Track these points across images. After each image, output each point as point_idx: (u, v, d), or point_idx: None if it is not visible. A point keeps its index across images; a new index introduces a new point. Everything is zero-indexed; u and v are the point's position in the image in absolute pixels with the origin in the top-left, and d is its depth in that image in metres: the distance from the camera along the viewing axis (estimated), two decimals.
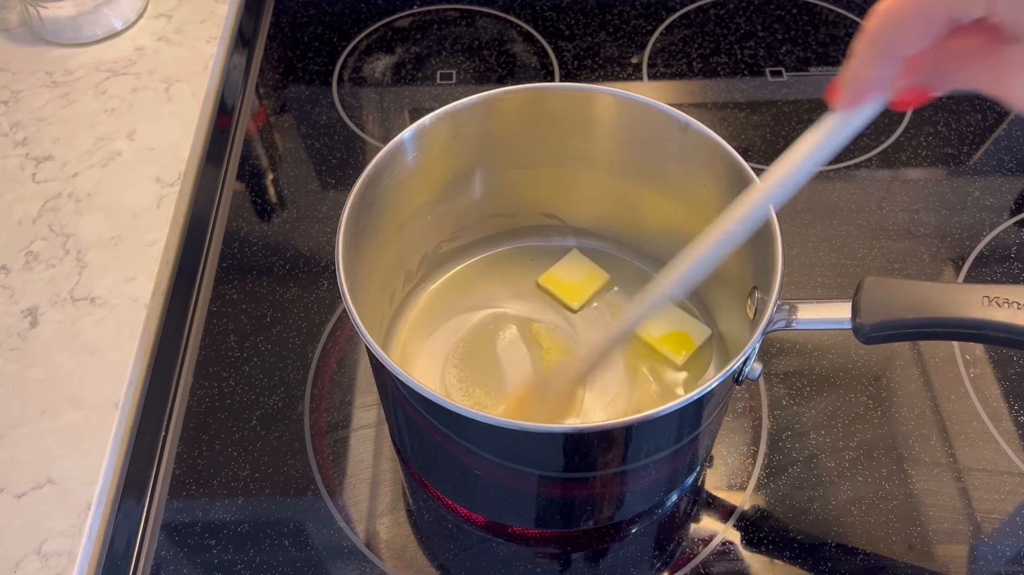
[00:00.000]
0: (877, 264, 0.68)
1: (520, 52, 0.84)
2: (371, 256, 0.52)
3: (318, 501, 0.56)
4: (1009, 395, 0.60)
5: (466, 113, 0.54)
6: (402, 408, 0.49)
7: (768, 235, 0.47)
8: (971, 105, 0.79)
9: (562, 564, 0.54)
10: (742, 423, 0.59)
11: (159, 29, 0.80)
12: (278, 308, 0.66)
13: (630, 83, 0.82)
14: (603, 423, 0.44)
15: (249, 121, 0.79)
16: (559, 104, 0.55)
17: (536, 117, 0.56)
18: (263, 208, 0.73)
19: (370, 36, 0.86)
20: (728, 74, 0.83)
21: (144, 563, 0.54)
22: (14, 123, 0.72)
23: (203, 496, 0.57)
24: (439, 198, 0.58)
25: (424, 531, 0.55)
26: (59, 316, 0.60)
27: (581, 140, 0.57)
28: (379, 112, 0.80)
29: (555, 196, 0.61)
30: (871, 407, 0.60)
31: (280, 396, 0.61)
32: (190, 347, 0.64)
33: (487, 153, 0.57)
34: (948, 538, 0.54)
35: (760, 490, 0.56)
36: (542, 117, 0.56)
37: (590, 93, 0.54)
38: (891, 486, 0.56)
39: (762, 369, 0.48)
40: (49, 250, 0.64)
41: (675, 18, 0.88)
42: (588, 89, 0.54)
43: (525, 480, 0.49)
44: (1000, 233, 0.70)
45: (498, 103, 0.54)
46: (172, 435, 0.59)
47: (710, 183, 0.53)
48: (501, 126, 0.56)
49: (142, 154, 0.70)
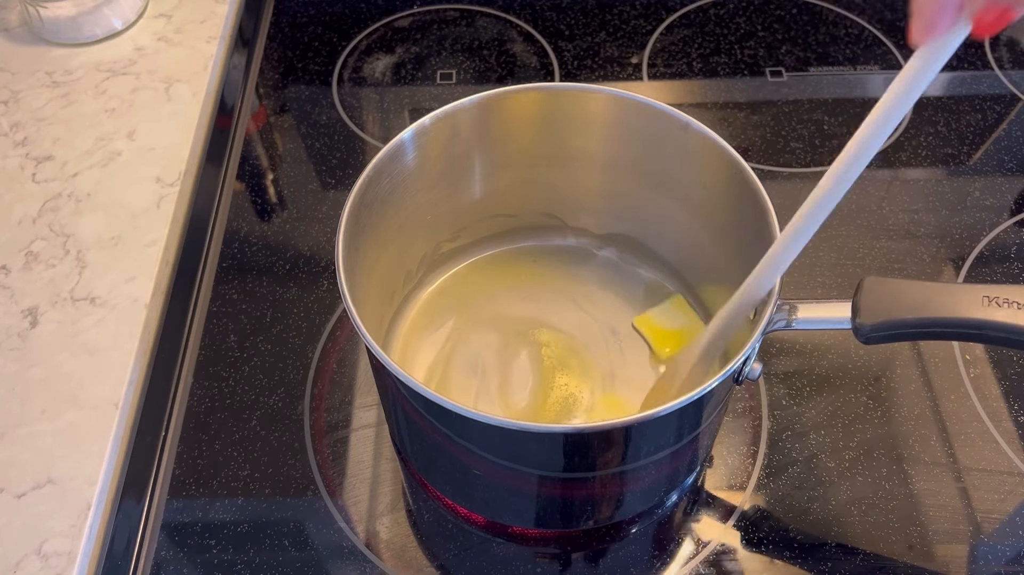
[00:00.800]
0: (877, 264, 0.68)
1: (520, 52, 0.84)
2: (371, 256, 0.52)
3: (318, 501, 0.56)
4: (1009, 395, 0.60)
5: (466, 113, 0.54)
6: (402, 408, 0.49)
7: (769, 235, 0.47)
8: (971, 105, 0.79)
9: (562, 564, 0.54)
10: (742, 423, 0.59)
11: (159, 29, 0.80)
12: (278, 308, 0.66)
13: (630, 83, 0.82)
14: (603, 423, 0.44)
15: (249, 121, 0.79)
16: (559, 104, 0.55)
17: (536, 117, 0.56)
18: (263, 208, 0.73)
19: (370, 36, 0.86)
20: (728, 74, 0.83)
21: (144, 563, 0.54)
22: (14, 123, 0.72)
23: (203, 496, 0.57)
24: (439, 198, 0.58)
25: (424, 531, 0.55)
26: (59, 316, 0.60)
27: (581, 140, 0.57)
28: (379, 112, 0.80)
29: (555, 196, 0.61)
30: (871, 407, 0.60)
31: (280, 396, 0.61)
32: (190, 347, 0.64)
33: (487, 153, 0.57)
34: (948, 538, 0.54)
35: (760, 490, 0.56)
36: (542, 117, 0.56)
37: (590, 93, 0.54)
38: (891, 486, 0.56)
39: (762, 369, 0.48)
40: (49, 250, 0.64)
41: (675, 18, 0.88)
42: (588, 89, 0.54)
43: (525, 480, 0.49)
44: (1000, 233, 0.70)
45: (498, 103, 0.54)
46: (172, 435, 0.59)
47: (710, 183, 0.53)
48: (501, 126, 0.56)
49: (142, 154, 0.70)
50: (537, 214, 0.63)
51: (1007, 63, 0.83)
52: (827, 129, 0.77)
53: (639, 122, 0.54)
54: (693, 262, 0.60)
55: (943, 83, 0.82)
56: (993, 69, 0.83)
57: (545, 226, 0.63)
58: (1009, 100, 0.80)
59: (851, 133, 0.38)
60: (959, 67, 0.83)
